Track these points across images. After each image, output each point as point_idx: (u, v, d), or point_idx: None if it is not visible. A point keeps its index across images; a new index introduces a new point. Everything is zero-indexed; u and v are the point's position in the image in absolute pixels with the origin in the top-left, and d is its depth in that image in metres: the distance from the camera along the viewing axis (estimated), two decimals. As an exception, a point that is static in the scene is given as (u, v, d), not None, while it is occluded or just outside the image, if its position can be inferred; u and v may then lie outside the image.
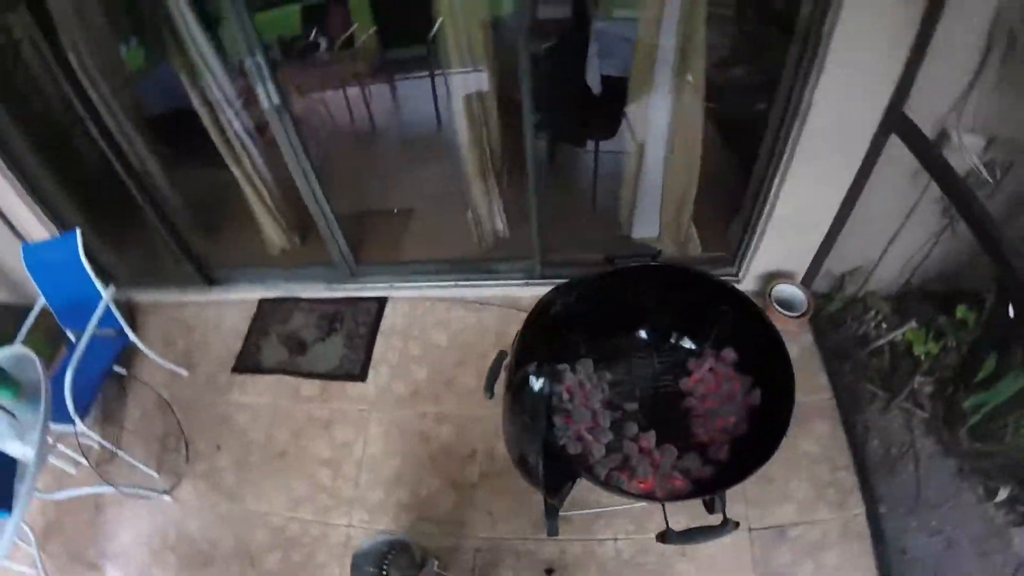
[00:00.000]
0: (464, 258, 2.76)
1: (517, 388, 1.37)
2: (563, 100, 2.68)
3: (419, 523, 2.12)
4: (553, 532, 1.99)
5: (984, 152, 2.03)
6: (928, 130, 1.97)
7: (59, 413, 2.09)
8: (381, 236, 3.07)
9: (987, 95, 1.87)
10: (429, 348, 2.62)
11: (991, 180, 2.20)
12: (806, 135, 2.00)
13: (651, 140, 2.35)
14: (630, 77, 2.29)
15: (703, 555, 1.97)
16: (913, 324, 2.43)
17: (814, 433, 2.23)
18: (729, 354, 1.72)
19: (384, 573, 1.94)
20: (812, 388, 2.34)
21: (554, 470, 1.58)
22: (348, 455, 2.33)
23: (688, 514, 2.01)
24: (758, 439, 1.52)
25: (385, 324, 2.73)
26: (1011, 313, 2.22)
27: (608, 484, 1.50)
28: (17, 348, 2.05)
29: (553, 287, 1.69)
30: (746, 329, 1.63)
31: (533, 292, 2.47)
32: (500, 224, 2.74)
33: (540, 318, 1.55)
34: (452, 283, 2.73)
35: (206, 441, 2.46)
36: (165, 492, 2.32)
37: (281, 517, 2.21)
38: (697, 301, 1.72)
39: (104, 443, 2.25)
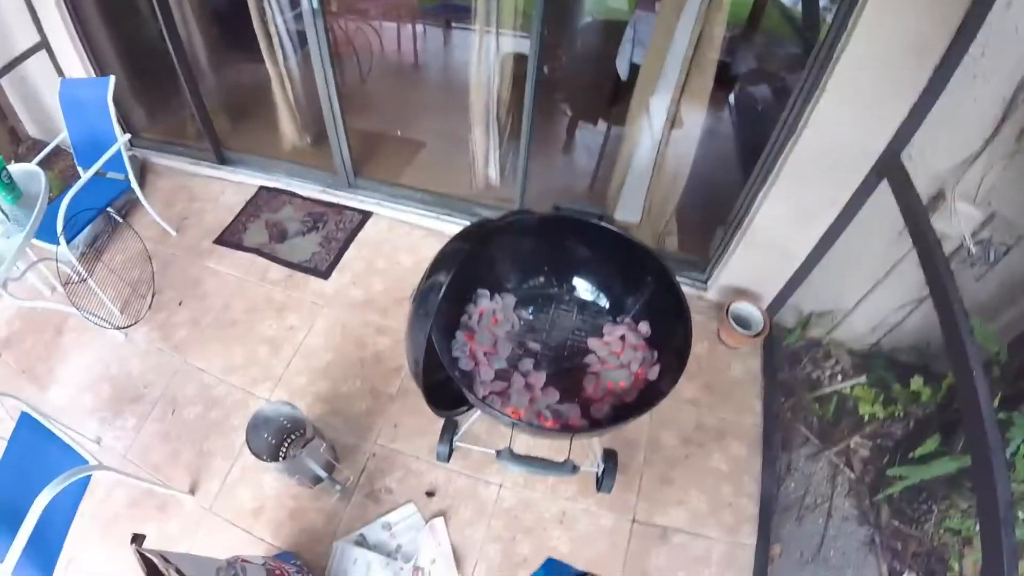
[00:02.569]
0: (453, 195, 2.85)
1: (424, 293, 1.43)
2: (592, 78, 2.72)
3: (330, 416, 2.21)
4: (443, 457, 2.06)
5: (981, 227, 1.92)
6: (923, 186, 1.87)
7: (48, 233, 2.26)
8: (387, 158, 3.19)
9: (996, 167, 1.74)
10: (393, 266, 2.73)
11: (985, 259, 2.12)
12: (795, 156, 1.97)
13: (649, 129, 2.37)
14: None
15: (580, 529, 2.00)
16: (863, 380, 2.38)
17: (729, 452, 2.22)
18: (644, 327, 1.73)
19: (284, 449, 2.06)
20: (743, 409, 2.33)
21: (449, 389, 1.65)
22: (290, 339, 2.44)
23: (579, 487, 2.03)
24: (642, 411, 1.54)
25: (362, 235, 2.86)
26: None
27: (481, 400, 1.55)
28: (30, 166, 2.21)
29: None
30: (666, 309, 1.65)
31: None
32: (493, 172, 2.82)
33: (473, 234, 1.58)
34: (435, 215, 2.82)
35: (171, 296, 2.61)
36: (121, 329, 2.46)
37: (213, 377, 2.33)
38: (629, 268, 1.75)
39: (79, 268, 2.40)
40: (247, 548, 1.92)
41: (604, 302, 1.86)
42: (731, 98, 3.48)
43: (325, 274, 2.68)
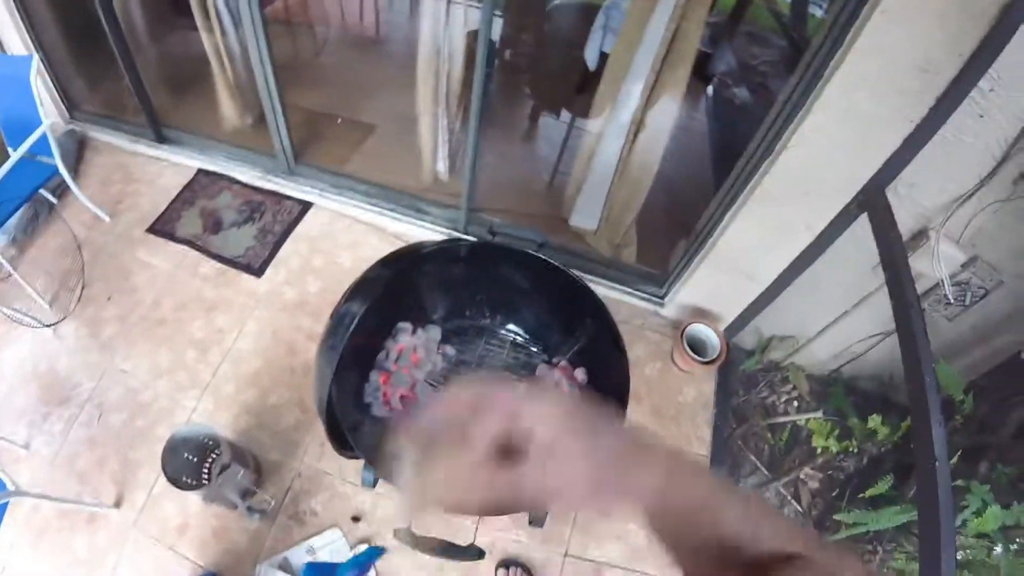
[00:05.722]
0: (399, 189, 2.66)
1: (334, 323, 1.29)
2: (558, 64, 2.50)
3: (256, 429, 2.12)
4: (368, 483, 1.97)
5: (961, 269, 1.84)
6: (906, 221, 1.79)
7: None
8: (332, 142, 2.98)
9: (987, 210, 1.67)
10: (331, 265, 2.57)
11: (961, 302, 2.00)
12: (772, 176, 1.80)
13: (613, 128, 2.19)
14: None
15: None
16: (820, 414, 2.28)
17: (673, 483, 2.14)
18: (581, 374, 1.62)
19: (208, 466, 1.97)
20: (691, 438, 2.26)
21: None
22: (219, 342, 2.32)
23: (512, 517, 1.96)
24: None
25: (300, 228, 2.69)
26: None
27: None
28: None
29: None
30: (606, 354, 1.52)
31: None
32: (442, 165, 2.63)
33: (398, 260, 1.43)
34: (378, 210, 2.65)
35: (101, 289, 2.47)
36: (49, 325, 2.34)
37: (140, 382, 2.22)
38: (568, 305, 1.61)
39: (3, 261, 2.27)
40: (172, 567, 1.87)
41: (539, 340, 1.72)
42: (709, 91, 3.22)
43: (258, 272, 2.51)
